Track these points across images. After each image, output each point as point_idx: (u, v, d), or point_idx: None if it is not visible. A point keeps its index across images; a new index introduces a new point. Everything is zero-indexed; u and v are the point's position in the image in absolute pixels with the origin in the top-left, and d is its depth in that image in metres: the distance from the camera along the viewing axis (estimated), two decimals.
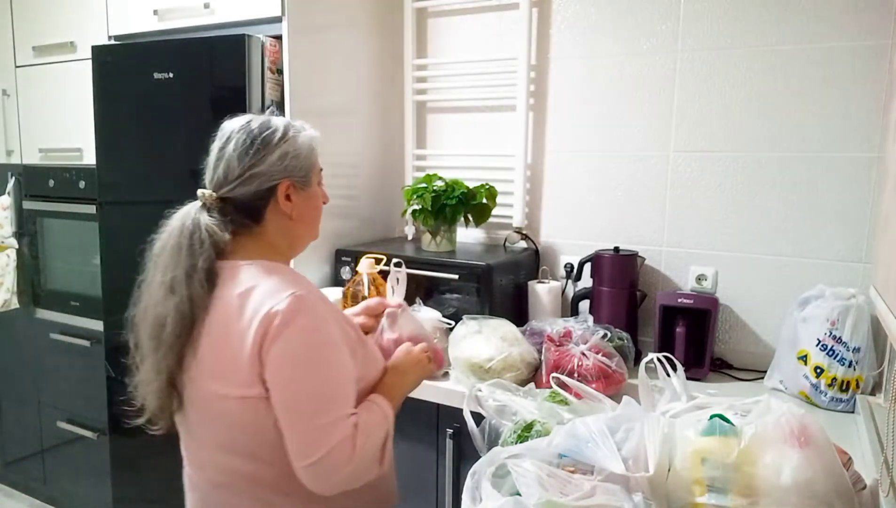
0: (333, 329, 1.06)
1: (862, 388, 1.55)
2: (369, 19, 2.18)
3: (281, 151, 1.10)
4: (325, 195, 1.22)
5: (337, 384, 1.04)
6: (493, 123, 2.19)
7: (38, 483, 2.76)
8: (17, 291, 2.59)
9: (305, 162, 1.13)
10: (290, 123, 1.15)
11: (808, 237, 1.77)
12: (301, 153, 1.13)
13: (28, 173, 2.56)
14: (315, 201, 1.18)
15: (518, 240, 2.15)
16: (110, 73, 2.07)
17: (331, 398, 1.02)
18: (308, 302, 1.03)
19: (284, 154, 1.10)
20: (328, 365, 1.04)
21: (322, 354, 1.03)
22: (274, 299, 1.02)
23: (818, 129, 1.73)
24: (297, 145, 1.12)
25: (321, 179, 1.20)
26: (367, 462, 1.05)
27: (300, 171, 1.13)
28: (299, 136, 1.13)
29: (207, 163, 1.17)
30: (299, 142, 1.13)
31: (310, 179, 1.15)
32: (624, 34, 1.95)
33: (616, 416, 1.05)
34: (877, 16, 1.64)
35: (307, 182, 1.15)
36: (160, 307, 1.07)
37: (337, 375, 1.05)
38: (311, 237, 1.22)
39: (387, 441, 1.10)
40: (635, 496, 0.93)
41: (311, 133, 1.16)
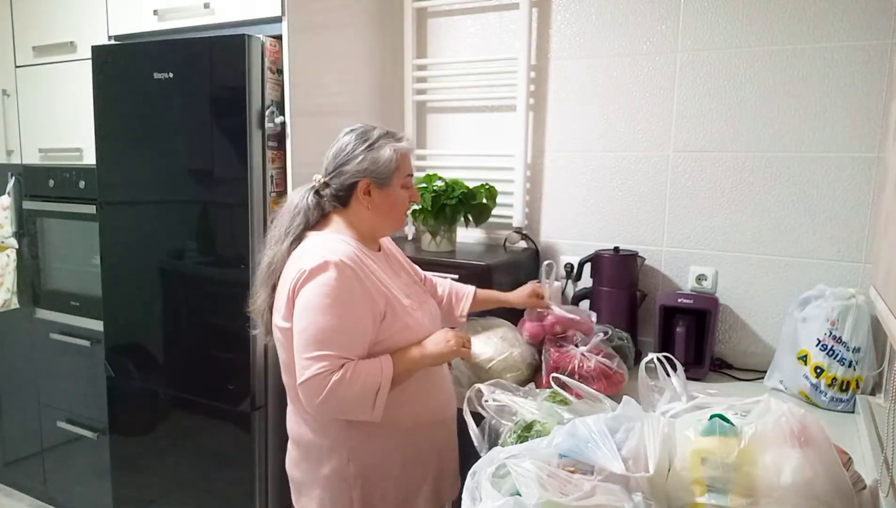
0: (352, 291, 1.29)
1: (862, 388, 1.55)
2: (369, 19, 2.18)
3: (363, 157, 1.38)
4: (414, 195, 1.48)
5: (333, 332, 1.27)
6: (493, 123, 2.19)
7: (38, 483, 2.76)
8: (17, 291, 2.59)
9: (384, 168, 1.39)
10: (383, 135, 1.41)
11: (808, 237, 1.77)
12: (380, 161, 1.39)
13: (28, 173, 2.56)
14: (392, 199, 1.42)
15: (518, 240, 2.15)
16: (110, 73, 2.06)
17: (321, 340, 1.27)
18: (333, 266, 1.28)
19: (365, 160, 1.38)
20: (330, 315, 1.27)
21: (326, 304, 1.27)
22: (309, 261, 1.30)
23: (818, 129, 1.73)
24: (378, 155, 1.39)
25: (407, 183, 1.44)
26: (348, 401, 1.28)
27: (379, 175, 1.39)
28: (385, 147, 1.39)
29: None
30: (381, 152, 1.39)
31: (389, 182, 1.40)
32: (624, 34, 1.95)
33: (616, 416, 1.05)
34: (877, 16, 1.64)
35: (386, 183, 1.40)
36: (268, 253, 1.42)
37: (336, 324, 1.27)
38: (391, 227, 1.49)
39: (379, 391, 1.29)
40: (635, 496, 0.93)
41: (398, 145, 1.40)
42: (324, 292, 1.28)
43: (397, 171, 1.40)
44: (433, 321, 1.50)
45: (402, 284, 1.46)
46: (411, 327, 1.39)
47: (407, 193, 1.45)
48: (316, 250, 1.33)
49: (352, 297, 1.30)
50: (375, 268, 1.39)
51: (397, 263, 1.56)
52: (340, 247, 1.34)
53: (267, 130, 1.83)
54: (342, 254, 1.32)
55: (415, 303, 1.44)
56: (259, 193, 1.84)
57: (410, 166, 1.47)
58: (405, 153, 1.43)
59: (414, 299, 1.46)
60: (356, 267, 1.32)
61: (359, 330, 1.31)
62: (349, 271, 1.30)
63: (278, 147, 1.87)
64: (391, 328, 1.36)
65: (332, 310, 1.27)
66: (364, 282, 1.32)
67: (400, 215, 1.47)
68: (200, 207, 1.94)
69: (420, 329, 1.41)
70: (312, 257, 1.31)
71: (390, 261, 1.52)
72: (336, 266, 1.29)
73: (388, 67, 2.27)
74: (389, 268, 1.48)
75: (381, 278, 1.38)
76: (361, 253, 1.38)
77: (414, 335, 1.40)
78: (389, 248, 1.58)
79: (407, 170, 1.44)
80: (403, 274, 1.54)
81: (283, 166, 1.88)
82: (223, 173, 1.87)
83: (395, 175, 1.40)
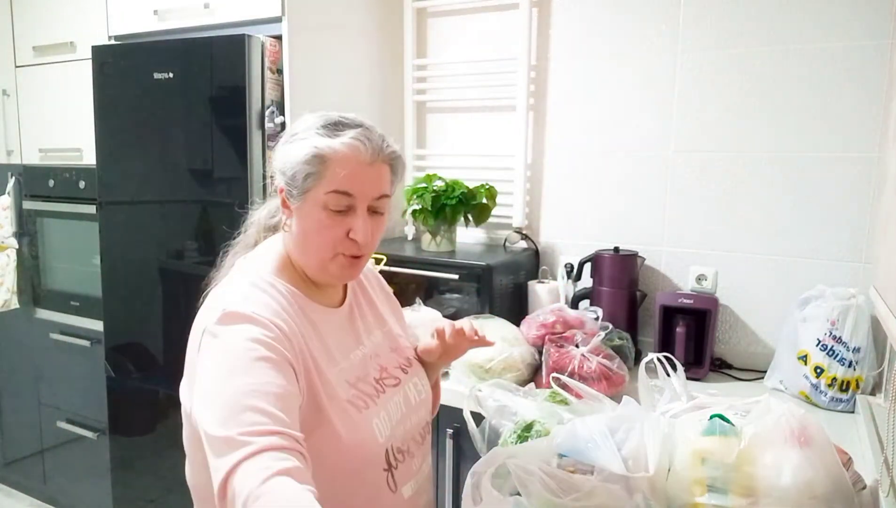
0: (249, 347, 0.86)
1: (862, 388, 1.55)
2: (369, 19, 2.18)
3: (278, 152, 0.99)
4: (356, 229, 0.95)
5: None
6: (493, 123, 2.19)
7: (38, 482, 2.76)
8: (17, 291, 2.59)
9: (293, 172, 0.95)
10: (324, 124, 0.96)
11: (808, 237, 1.76)
12: (289, 161, 0.95)
13: (28, 173, 2.56)
14: (304, 223, 0.96)
15: (518, 240, 2.15)
16: (110, 72, 2.06)
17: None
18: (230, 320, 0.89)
19: (278, 155, 0.99)
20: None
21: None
22: (207, 315, 0.93)
23: (818, 129, 1.73)
24: (289, 151, 0.96)
25: (337, 203, 0.94)
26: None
27: (290, 180, 0.95)
28: (305, 141, 0.95)
29: None
30: (294, 147, 0.96)
31: (301, 194, 0.95)
32: (624, 34, 1.95)
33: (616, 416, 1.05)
34: (877, 16, 1.64)
35: (298, 197, 0.95)
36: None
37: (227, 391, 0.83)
38: (310, 267, 0.99)
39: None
40: (635, 496, 0.93)
41: (323, 142, 0.94)
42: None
43: (316, 180, 0.93)
44: (398, 424, 1.02)
45: (356, 361, 1.03)
46: (341, 436, 0.92)
47: (332, 218, 0.94)
48: (216, 295, 0.98)
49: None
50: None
51: (373, 320, 1.12)
52: (241, 285, 0.97)
53: (267, 130, 1.83)
54: (247, 297, 0.94)
55: (364, 395, 0.99)
56: (259, 193, 1.84)
57: (351, 180, 0.93)
58: (337, 156, 0.93)
59: (367, 387, 1.01)
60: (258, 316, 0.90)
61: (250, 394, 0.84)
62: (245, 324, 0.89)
63: None
64: (316, 430, 0.91)
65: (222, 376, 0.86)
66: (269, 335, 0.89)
67: (316, 250, 0.97)
68: (200, 207, 1.94)
69: (357, 443, 0.94)
70: (210, 309, 0.95)
71: (353, 321, 1.08)
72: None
73: (388, 67, 2.27)
74: (346, 333, 1.05)
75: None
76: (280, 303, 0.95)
77: (344, 449, 0.93)
78: (368, 295, 1.15)
79: (336, 183, 0.93)
80: (372, 340, 1.09)
81: None
82: (223, 173, 1.87)
83: (311, 185, 0.93)
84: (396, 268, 1.91)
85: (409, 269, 1.92)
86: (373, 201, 0.97)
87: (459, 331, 1.15)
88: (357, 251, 0.98)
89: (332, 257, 0.97)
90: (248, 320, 0.88)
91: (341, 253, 0.97)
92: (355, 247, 0.97)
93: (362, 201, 0.96)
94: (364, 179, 0.95)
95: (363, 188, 0.95)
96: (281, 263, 1.01)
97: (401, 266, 1.92)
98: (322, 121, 0.97)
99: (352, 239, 0.96)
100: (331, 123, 0.96)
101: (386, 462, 1.00)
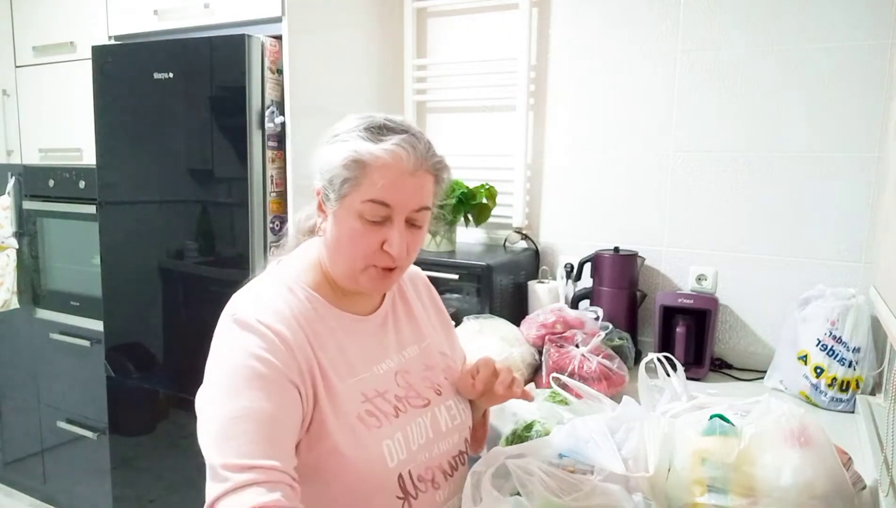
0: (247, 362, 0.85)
1: (862, 388, 1.55)
2: (369, 19, 2.18)
3: (319, 153, 0.94)
4: (390, 242, 0.90)
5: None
6: (493, 123, 2.19)
7: (38, 483, 2.76)
8: (17, 291, 2.59)
9: (331, 174, 0.90)
10: (368, 126, 0.92)
11: (808, 237, 1.76)
12: (327, 162, 0.91)
13: (28, 173, 2.56)
14: (342, 231, 0.91)
15: (518, 240, 2.15)
16: (110, 73, 2.06)
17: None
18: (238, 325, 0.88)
19: (319, 156, 0.94)
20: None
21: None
22: (224, 313, 0.92)
23: (818, 129, 1.73)
24: (329, 152, 0.92)
25: (375, 212, 0.89)
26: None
27: (328, 183, 0.91)
28: (345, 143, 0.91)
29: None
30: (333, 149, 0.91)
31: (338, 198, 0.90)
32: (624, 34, 1.95)
33: (616, 416, 1.05)
34: (877, 16, 1.64)
35: (335, 201, 0.91)
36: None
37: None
38: (340, 275, 0.95)
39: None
40: (635, 496, 0.93)
41: (364, 147, 0.89)
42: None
43: (353, 186, 0.89)
44: (422, 449, 0.95)
45: (379, 374, 0.96)
46: (343, 453, 0.87)
47: (367, 228, 0.90)
48: (234, 299, 0.94)
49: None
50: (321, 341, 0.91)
51: (410, 334, 1.06)
52: (266, 293, 0.93)
53: (267, 130, 1.83)
54: (265, 305, 0.90)
55: (379, 413, 0.92)
56: (259, 193, 1.84)
57: (389, 190, 0.88)
58: (378, 163, 0.88)
59: (384, 405, 0.93)
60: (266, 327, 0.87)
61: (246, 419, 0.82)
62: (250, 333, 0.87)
63: (278, 147, 1.87)
64: (316, 445, 0.87)
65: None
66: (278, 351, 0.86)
67: (347, 259, 0.92)
68: (200, 207, 1.94)
69: (362, 464, 0.88)
70: (224, 315, 0.93)
71: (385, 331, 1.02)
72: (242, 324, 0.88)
73: (388, 67, 2.27)
74: (374, 343, 0.99)
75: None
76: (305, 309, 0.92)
77: (349, 469, 0.87)
78: (409, 307, 1.08)
79: (373, 192, 0.88)
80: (405, 355, 1.02)
81: (283, 166, 1.88)
82: (223, 173, 1.87)
83: (347, 191, 0.89)
84: None
85: None
86: (412, 212, 0.92)
87: (491, 377, 1.03)
88: (390, 264, 0.93)
89: (364, 268, 0.92)
90: (251, 329, 0.86)
91: (373, 265, 0.92)
92: (389, 260, 0.92)
93: (400, 212, 0.90)
94: (404, 190, 0.90)
95: (402, 199, 0.90)
96: (310, 266, 0.97)
97: None
98: (366, 123, 0.92)
99: (386, 251, 0.91)
100: (375, 127, 0.91)
101: (401, 489, 0.91)
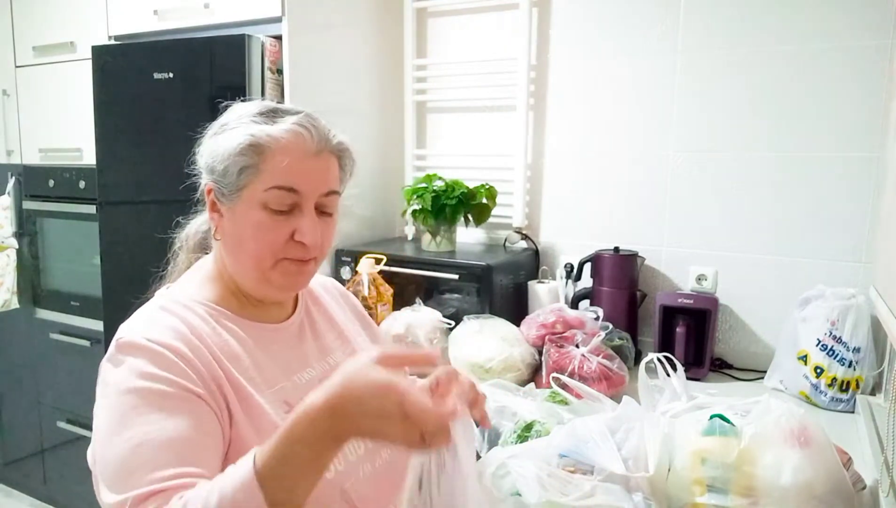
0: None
1: (862, 388, 1.55)
2: (369, 19, 2.18)
3: (205, 146, 0.88)
4: (302, 231, 0.82)
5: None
6: (493, 123, 2.19)
7: (38, 483, 2.76)
8: (17, 291, 2.59)
9: (224, 167, 0.82)
10: (260, 112, 0.85)
11: (808, 237, 1.76)
12: (218, 154, 0.83)
13: (28, 173, 2.56)
14: (244, 227, 0.83)
15: (518, 240, 2.15)
16: (110, 73, 2.06)
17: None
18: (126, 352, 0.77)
19: (205, 151, 0.87)
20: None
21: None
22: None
23: (818, 129, 1.73)
24: (218, 143, 0.84)
25: (280, 200, 0.81)
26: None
27: (221, 177, 0.83)
28: (235, 130, 0.83)
29: None
30: (223, 138, 0.84)
31: (236, 194, 0.83)
32: (624, 34, 1.95)
33: (616, 416, 1.05)
34: (877, 16, 1.63)
35: (230, 194, 0.83)
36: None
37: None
38: (247, 278, 0.86)
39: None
40: (635, 496, 0.93)
41: (261, 130, 0.81)
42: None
43: (253, 174, 0.81)
44: (361, 461, 0.87)
45: (301, 384, 0.88)
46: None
47: (274, 219, 0.82)
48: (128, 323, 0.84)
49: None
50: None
51: (333, 341, 0.98)
52: (158, 307, 0.85)
53: None
54: (158, 322, 0.82)
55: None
56: None
57: (295, 174, 0.81)
58: (278, 145, 0.81)
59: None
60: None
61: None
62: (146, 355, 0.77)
63: None
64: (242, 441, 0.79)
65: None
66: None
67: (254, 257, 0.83)
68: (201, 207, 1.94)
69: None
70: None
71: (303, 340, 0.94)
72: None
73: (388, 67, 2.27)
74: (291, 352, 0.91)
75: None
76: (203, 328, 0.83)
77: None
78: (327, 313, 1.00)
79: (277, 177, 0.81)
80: (329, 362, 0.94)
81: None
82: None
83: (246, 181, 0.81)
84: (396, 268, 1.91)
85: (409, 269, 1.92)
86: (321, 197, 0.84)
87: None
88: (304, 255, 0.84)
89: (274, 264, 0.83)
90: (140, 350, 0.77)
91: (285, 258, 0.84)
92: (302, 250, 0.83)
93: (309, 197, 0.83)
94: (311, 173, 0.82)
95: (310, 183, 0.82)
96: (207, 281, 0.89)
97: (401, 266, 1.92)
98: (258, 108, 0.85)
99: (298, 241, 0.82)
100: (268, 110, 0.85)
101: (348, 504, 0.83)
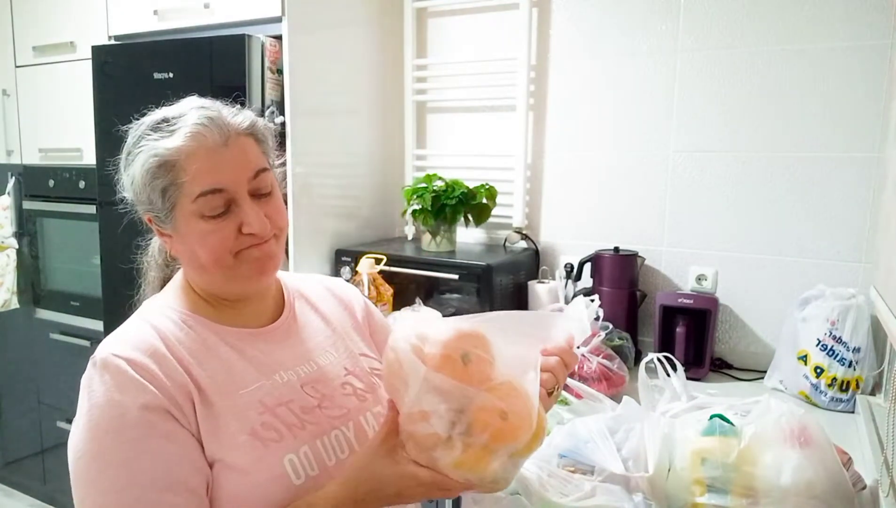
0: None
1: (862, 388, 1.55)
2: (369, 19, 2.18)
3: (123, 178, 0.86)
4: (248, 221, 0.81)
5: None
6: (493, 123, 2.19)
7: (38, 483, 2.76)
8: (17, 291, 2.59)
9: (148, 195, 0.81)
10: (143, 133, 0.83)
11: (808, 237, 1.76)
12: (137, 183, 0.82)
13: (28, 173, 2.56)
14: (192, 242, 0.82)
15: (518, 240, 2.15)
16: (110, 73, 2.07)
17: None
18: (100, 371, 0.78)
19: (126, 184, 0.86)
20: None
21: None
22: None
23: (818, 129, 1.73)
24: (131, 173, 0.83)
25: (211, 204, 0.80)
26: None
27: (149, 205, 0.83)
28: (139, 155, 0.81)
29: None
30: (133, 167, 0.82)
31: (168, 215, 0.82)
32: (624, 34, 1.95)
33: (616, 416, 1.05)
34: (877, 16, 1.64)
35: (167, 219, 0.82)
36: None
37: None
38: (216, 283, 0.86)
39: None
40: (635, 496, 0.93)
41: (159, 146, 0.79)
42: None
43: (175, 191, 0.80)
44: (343, 463, 0.83)
45: (280, 383, 0.85)
46: (243, 471, 0.77)
47: (215, 224, 0.80)
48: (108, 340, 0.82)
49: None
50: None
51: (325, 341, 0.95)
52: (135, 324, 0.84)
53: None
54: (132, 335, 0.82)
55: (281, 425, 0.81)
56: None
57: (212, 174, 0.79)
58: (183, 154, 0.79)
59: (288, 415, 0.82)
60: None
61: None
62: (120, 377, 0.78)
63: (278, 147, 1.87)
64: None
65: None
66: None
67: (212, 262, 0.82)
68: None
69: (263, 483, 0.77)
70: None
71: (291, 340, 0.91)
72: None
73: (388, 67, 2.27)
74: (273, 352, 0.88)
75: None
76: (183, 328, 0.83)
77: (251, 490, 0.77)
78: (319, 311, 0.99)
79: (197, 184, 0.79)
80: (319, 362, 0.91)
81: (283, 166, 1.88)
82: None
83: (172, 200, 0.80)
84: (396, 268, 1.91)
85: (409, 269, 1.92)
86: (251, 182, 0.82)
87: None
88: (260, 240, 0.83)
89: (235, 259, 0.82)
90: (105, 366, 0.78)
91: (242, 249, 0.82)
92: (254, 238, 0.82)
93: (238, 189, 0.81)
94: (227, 165, 0.80)
95: (231, 175, 0.80)
96: (181, 291, 0.88)
97: (401, 266, 1.92)
98: (149, 124, 0.83)
99: (247, 233, 0.81)
100: (158, 122, 0.82)
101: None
